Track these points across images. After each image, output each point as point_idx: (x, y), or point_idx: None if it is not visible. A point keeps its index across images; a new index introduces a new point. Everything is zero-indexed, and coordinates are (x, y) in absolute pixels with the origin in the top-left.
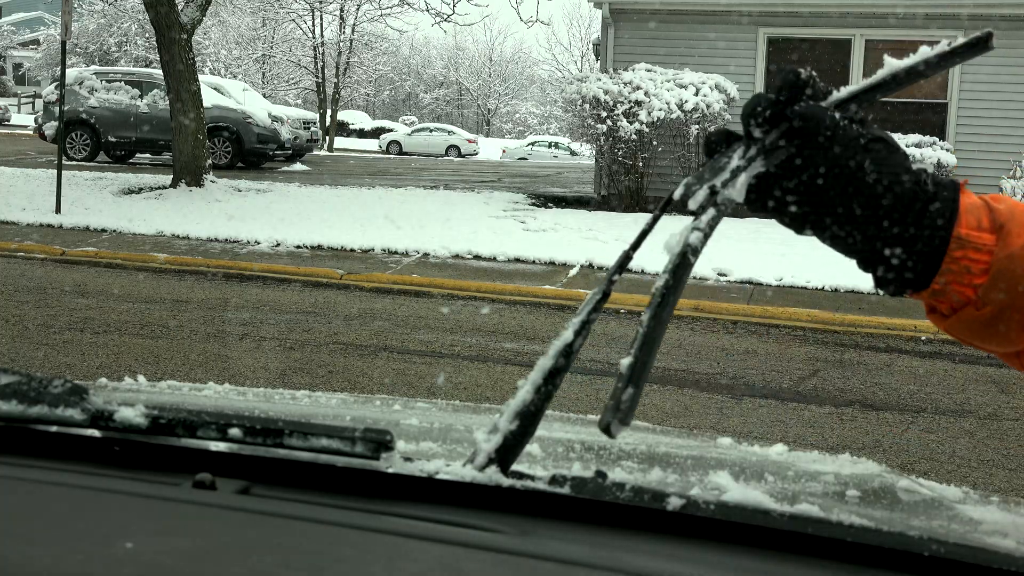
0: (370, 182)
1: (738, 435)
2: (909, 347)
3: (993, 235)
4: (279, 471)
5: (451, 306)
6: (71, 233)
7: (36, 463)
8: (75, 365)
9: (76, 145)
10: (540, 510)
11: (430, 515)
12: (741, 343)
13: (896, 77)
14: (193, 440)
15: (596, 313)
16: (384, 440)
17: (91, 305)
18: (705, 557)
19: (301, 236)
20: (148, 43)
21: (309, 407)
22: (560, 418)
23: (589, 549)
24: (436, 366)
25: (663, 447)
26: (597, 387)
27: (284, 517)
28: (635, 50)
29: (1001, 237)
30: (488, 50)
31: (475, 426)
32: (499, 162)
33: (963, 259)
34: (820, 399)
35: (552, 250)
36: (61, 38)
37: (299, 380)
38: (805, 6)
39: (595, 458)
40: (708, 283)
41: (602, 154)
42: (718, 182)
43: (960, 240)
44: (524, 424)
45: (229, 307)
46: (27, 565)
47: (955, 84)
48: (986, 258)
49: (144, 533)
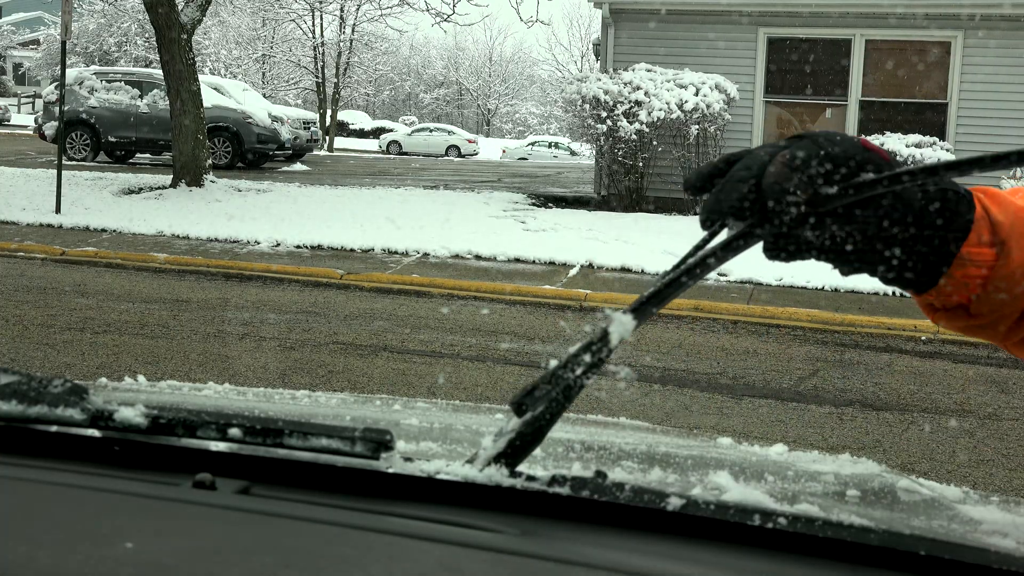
0: (370, 182)
1: (738, 435)
2: (909, 347)
3: (993, 250)
4: (279, 471)
5: (451, 306)
6: (71, 233)
7: (36, 463)
8: (75, 365)
9: (76, 145)
10: (540, 510)
11: (430, 515)
12: (741, 343)
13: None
14: (193, 440)
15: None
16: (384, 440)
17: (91, 305)
18: (705, 557)
19: (301, 236)
20: (148, 43)
21: (309, 407)
22: (560, 418)
23: (589, 549)
24: (436, 366)
25: (663, 447)
26: (597, 387)
27: (284, 517)
28: (635, 50)
29: (1002, 254)
30: (488, 50)
31: (475, 426)
32: (499, 162)
33: (963, 276)
34: (820, 399)
35: (552, 250)
36: (61, 38)
37: (299, 380)
38: (805, 6)
39: (595, 458)
40: (708, 283)
41: (602, 154)
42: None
43: (962, 259)
44: (534, 430)
45: (229, 307)
46: (27, 565)
47: (955, 84)
48: (984, 273)
49: (144, 533)
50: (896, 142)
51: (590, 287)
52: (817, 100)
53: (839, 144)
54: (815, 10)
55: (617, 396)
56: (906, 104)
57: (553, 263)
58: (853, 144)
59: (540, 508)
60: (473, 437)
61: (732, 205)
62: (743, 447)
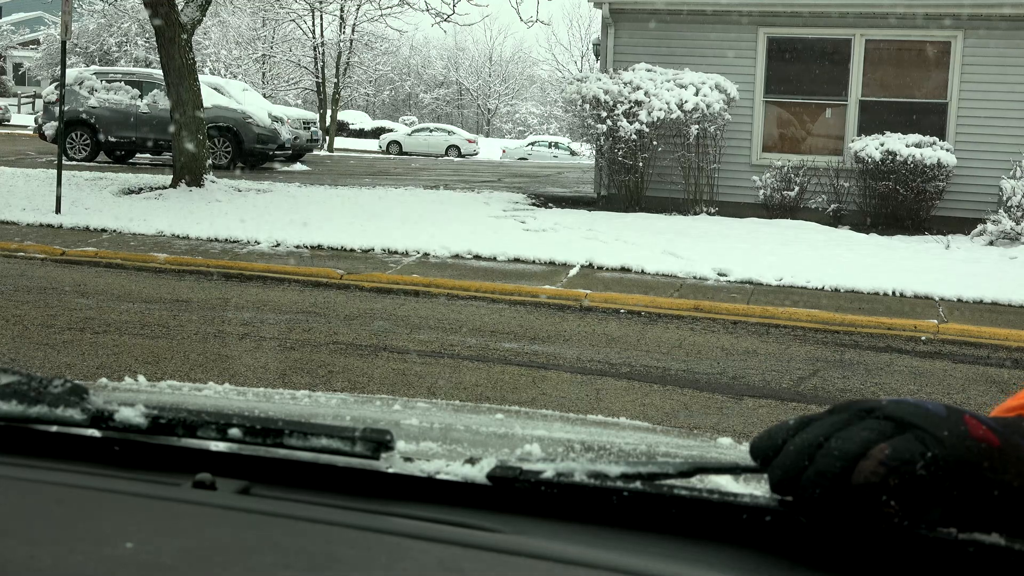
0: (370, 182)
1: (738, 435)
2: (909, 347)
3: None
4: (279, 471)
5: (451, 306)
6: (71, 233)
7: (36, 463)
8: (75, 365)
9: (76, 145)
10: (540, 510)
11: (430, 515)
12: (741, 343)
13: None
14: (193, 440)
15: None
16: (384, 440)
17: (91, 305)
18: (705, 557)
19: (301, 236)
20: (148, 43)
21: (309, 407)
22: (560, 418)
23: (589, 549)
24: (436, 366)
25: (663, 447)
26: (597, 387)
27: (284, 517)
28: (635, 50)
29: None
30: (488, 50)
31: (475, 426)
32: (499, 162)
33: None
34: (820, 399)
35: (552, 250)
36: (61, 38)
37: (299, 380)
38: (805, 6)
39: (595, 458)
40: (708, 283)
41: (602, 154)
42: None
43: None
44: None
45: (229, 307)
46: (27, 565)
47: (955, 84)
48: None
49: (144, 533)
50: (896, 142)
51: (590, 287)
52: (817, 100)
53: (945, 443)
54: (815, 10)
55: (617, 396)
56: (906, 104)
57: (553, 263)
58: (959, 436)
59: (540, 508)
60: (473, 437)
61: (822, 487)
62: (743, 447)
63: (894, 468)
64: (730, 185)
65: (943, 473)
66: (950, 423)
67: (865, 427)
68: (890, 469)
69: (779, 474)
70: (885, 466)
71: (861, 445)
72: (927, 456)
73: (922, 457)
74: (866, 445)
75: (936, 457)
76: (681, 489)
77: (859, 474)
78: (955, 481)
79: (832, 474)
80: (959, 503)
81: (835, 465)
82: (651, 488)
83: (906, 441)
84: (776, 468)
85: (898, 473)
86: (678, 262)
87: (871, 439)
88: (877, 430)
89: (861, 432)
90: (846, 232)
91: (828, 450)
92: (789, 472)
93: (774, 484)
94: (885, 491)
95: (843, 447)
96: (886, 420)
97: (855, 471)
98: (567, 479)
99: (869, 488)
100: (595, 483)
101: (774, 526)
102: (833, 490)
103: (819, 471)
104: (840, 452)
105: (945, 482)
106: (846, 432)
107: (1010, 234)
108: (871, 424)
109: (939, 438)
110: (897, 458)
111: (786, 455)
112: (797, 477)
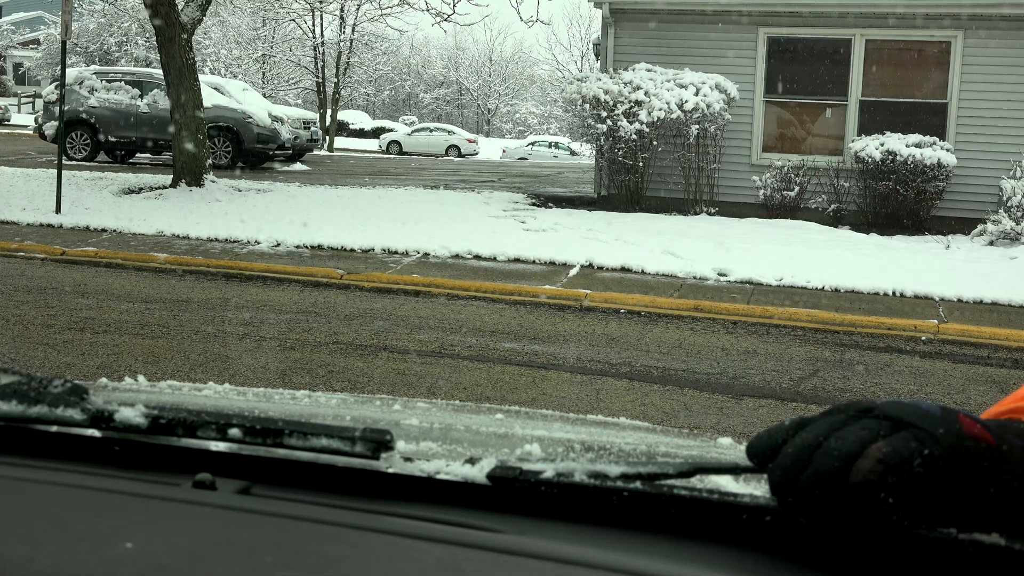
0: (370, 182)
1: (738, 435)
2: (909, 347)
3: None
4: (279, 471)
5: (451, 306)
6: (71, 233)
7: (36, 463)
8: (75, 365)
9: (76, 145)
10: (540, 510)
11: (430, 515)
12: (741, 343)
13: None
14: (193, 440)
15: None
16: (384, 440)
17: (91, 305)
18: (705, 557)
19: (301, 236)
20: (148, 43)
21: (309, 407)
22: (560, 418)
23: (589, 549)
24: (436, 366)
25: (663, 447)
26: (597, 387)
27: (284, 517)
28: (635, 50)
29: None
30: (488, 50)
31: (475, 426)
32: (499, 162)
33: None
34: (820, 399)
35: (552, 250)
36: (61, 38)
37: (299, 380)
38: (805, 6)
39: (595, 458)
40: (708, 283)
41: (602, 154)
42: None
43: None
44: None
45: (229, 307)
46: (27, 565)
47: (955, 84)
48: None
49: (144, 533)
50: (896, 142)
51: (590, 287)
52: (817, 100)
53: (941, 440)
54: (815, 10)
55: (617, 396)
56: (906, 104)
57: (553, 263)
58: (956, 434)
59: (540, 508)
60: (473, 437)
61: (821, 487)
62: (743, 447)
63: (892, 466)
64: (730, 185)
65: (940, 471)
66: (946, 422)
67: (862, 426)
68: (888, 467)
69: (778, 474)
70: (883, 464)
71: (858, 444)
72: (924, 454)
73: (919, 455)
74: (863, 444)
75: (933, 455)
76: (681, 489)
77: (857, 472)
78: (952, 479)
79: (830, 473)
80: (957, 502)
81: (833, 464)
82: (651, 488)
83: (903, 439)
84: (775, 468)
85: (896, 471)
86: (678, 262)
87: (868, 438)
88: (874, 429)
89: (858, 431)
90: (846, 232)
91: (826, 450)
92: (788, 472)
93: (774, 484)
94: (883, 489)
95: (841, 446)
96: (883, 419)
97: (853, 470)
98: (567, 479)
99: (867, 486)
100: (595, 483)
101: (774, 526)
102: (832, 489)
103: (818, 471)
104: (838, 451)
105: (942, 480)
106: (844, 432)
107: (1010, 234)
108: (868, 423)
109: (936, 436)
110: (894, 456)
111: (785, 455)
112: (796, 477)
